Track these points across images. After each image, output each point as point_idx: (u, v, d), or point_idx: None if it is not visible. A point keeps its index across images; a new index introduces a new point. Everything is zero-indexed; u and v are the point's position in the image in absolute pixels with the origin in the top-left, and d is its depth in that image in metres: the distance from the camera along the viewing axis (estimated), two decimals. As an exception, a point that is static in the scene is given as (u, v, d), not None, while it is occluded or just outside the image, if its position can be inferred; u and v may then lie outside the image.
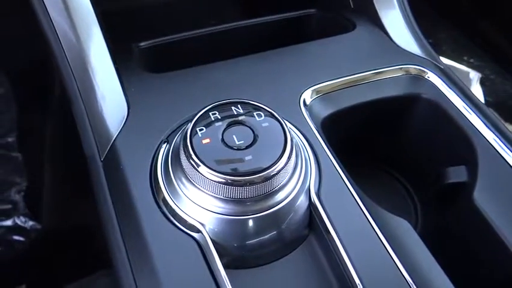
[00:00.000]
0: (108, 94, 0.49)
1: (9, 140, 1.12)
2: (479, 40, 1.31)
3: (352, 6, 0.68)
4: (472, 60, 1.28)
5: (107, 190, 0.46)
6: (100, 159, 0.48)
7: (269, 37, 0.66)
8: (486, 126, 0.52)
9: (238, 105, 0.44)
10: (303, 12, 0.69)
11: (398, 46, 0.60)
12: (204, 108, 0.43)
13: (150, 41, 0.62)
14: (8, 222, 1.01)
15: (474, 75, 0.81)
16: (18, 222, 1.02)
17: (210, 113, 0.43)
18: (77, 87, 0.50)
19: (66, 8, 0.49)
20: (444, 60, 0.88)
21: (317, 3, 0.71)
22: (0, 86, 1.13)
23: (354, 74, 0.55)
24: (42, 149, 1.00)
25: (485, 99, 0.99)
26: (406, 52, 0.59)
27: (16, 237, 1.01)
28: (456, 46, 1.31)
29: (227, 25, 0.65)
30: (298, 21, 0.70)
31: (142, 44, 0.61)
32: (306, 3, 0.71)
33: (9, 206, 1.03)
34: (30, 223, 1.02)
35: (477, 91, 0.80)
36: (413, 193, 0.60)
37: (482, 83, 0.99)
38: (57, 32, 0.50)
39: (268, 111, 0.43)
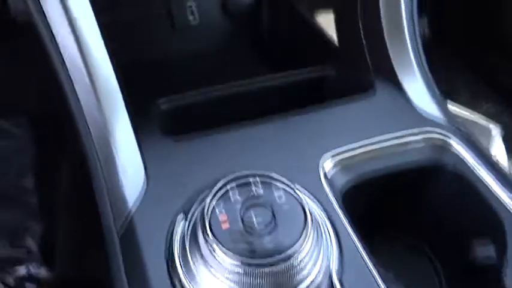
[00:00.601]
0: (129, 167, 0.49)
1: (25, 183, 1.12)
2: (494, 84, 1.28)
3: (370, 66, 0.68)
4: (487, 107, 1.25)
5: (121, 265, 0.45)
6: (116, 231, 0.47)
7: (287, 97, 0.66)
8: None
9: (257, 178, 0.43)
10: (321, 73, 0.69)
11: (419, 112, 0.59)
12: (219, 184, 0.43)
13: (169, 103, 0.62)
14: (22, 270, 1.01)
15: (496, 133, 0.80)
16: (32, 269, 1.01)
17: (229, 187, 0.42)
18: (98, 158, 0.49)
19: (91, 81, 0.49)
20: (461, 111, 0.86)
21: (334, 62, 0.71)
22: (18, 127, 1.14)
23: (376, 144, 0.54)
24: (58, 195, 1.00)
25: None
26: (428, 120, 0.58)
27: (28, 284, 1.00)
28: (471, 93, 1.29)
29: (244, 85, 0.65)
30: (316, 81, 0.70)
31: (162, 106, 0.61)
32: (324, 62, 0.71)
33: (24, 252, 1.03)
34: (43, 270, 1.01)
35: (500, 148, 0.78)
36: (440, 267, 0.57)
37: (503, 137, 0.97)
38: (81, 102, 0.50)
39: (288, 189, 0.43)
